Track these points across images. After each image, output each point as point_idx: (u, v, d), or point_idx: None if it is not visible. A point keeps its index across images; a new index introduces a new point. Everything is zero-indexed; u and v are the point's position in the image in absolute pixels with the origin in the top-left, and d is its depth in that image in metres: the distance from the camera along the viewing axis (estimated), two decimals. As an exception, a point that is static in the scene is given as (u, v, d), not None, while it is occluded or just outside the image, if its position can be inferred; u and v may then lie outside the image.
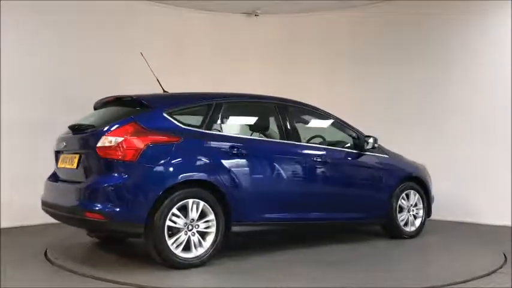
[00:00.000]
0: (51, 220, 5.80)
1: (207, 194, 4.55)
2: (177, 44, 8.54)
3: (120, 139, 4.33)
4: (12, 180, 6.76)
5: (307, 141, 5.78)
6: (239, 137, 5.05)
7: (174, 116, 4.67)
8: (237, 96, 5.49)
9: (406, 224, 6.06)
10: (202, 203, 4.51)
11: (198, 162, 4.60)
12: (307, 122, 6.02)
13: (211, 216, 4.56)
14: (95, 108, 5.47)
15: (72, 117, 6.37)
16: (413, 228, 6.13)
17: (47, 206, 4.97)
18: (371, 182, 5.90)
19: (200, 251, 4.51)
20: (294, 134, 5.41)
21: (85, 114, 5.77)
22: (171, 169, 4.44)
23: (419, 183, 6.25)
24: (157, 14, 8.33)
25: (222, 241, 4.63)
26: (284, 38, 9.01)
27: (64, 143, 4.97)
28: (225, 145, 4.78)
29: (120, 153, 4.30)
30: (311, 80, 8.85)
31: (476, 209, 7.23)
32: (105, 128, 4.46)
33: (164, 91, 5.52)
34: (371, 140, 5.77)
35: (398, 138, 7.10)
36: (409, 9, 8.17)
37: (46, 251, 5.21)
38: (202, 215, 4.55)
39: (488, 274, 4.45)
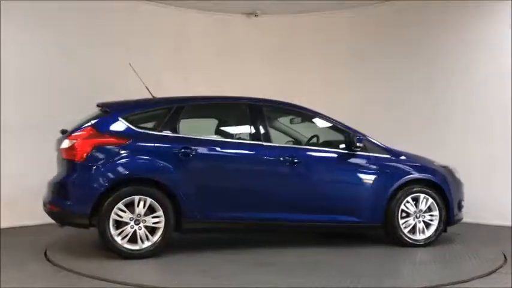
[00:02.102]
0: (52, 220, 5.83)
1: (154, 191, 4.89)
2: (177, 44, 8.54)
3: (73, 141, 4.93)
4: (12, 180, 6.76)
5: (307, 142, 5.75)
6: (191, 138, 5.20)
7: (130, 120, 5.10)
8: (203, 99, 5.67)
9: (413, 232, 5.56)
10: (149, 200, 4.86)
11: (145, 162, 4.97)
12: (289, 122, 5.97)
13: (160, 213, 4.88)
14: None
15: (72, 117, 6.39)
16: (422, 237, 5.57)
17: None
18: (359, 183, 5.51)
19: (146, 244, 4.85)
20: (265, 134, 5.40)
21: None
22: (115, 168, 4.88)
23: (435, 186, 5.67)
24: (157, 14, 8.33)
25: (170, 237, 4.95)
26: (284, 38, 9.01)
27: (56, 145, 5.42)
28: (176, 146, 5.05)
29: (73, 154, 4.89)
30: (311, 80, 8.85)
31: (476, 209, 7.22)
32: (69, 132, 5.11)
33: (153, 96, 5.72)
34: (354, 140, 5.45)
35: (398, 138, 7.06)
36: (409, 10, 8.17)
37: (46, 251, 5.21)
38: (154, 211, 4.90)
39: (488, 274, 4.45)
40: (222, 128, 5.82)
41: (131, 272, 4.48)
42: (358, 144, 5.44)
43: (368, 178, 5.52)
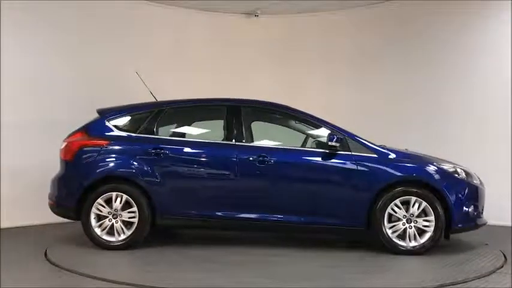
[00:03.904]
0: (51, 220, 5.83)
1: (130, 188, 5.32)
2: (177, 44, 8.54)
3: (65, 143, 5.56)
4: (12, 180, 6.75)
5: (304, 141, 5.68)
6: (163, 139, 5.56)
7: (115, 123, 5.60)
8: (182, 102, 5.89)
9: (403, 237, 5.16)
10: (125, 196, 5.29)
11: (121, 161, 5.42)
12: (270, 122, 5.97)
13: (134, 208, 5.29)
14: None
15: (73, 117, 6.40)
16: (414, 244, 5.12)
17: None
18: (337, 184, 5.30)
19: (122, 236, 5.28)
20: (240, 134, 5.48)
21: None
22: (94, 167, 5.41)
23: (431, 189, 5.21)
24: (158, 14, 8.33)
25: (144, 230, 5.31)
26: (284, 38, 9.00)
27: None
28: (149, 146, 5.41)
29: (65, 155, 5.52)
30: (311, 80, 8.85)
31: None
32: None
33: (156, 99, 6.00)
34: (327, 139, 5.24)
35: (398, 137, 7.10)
36: (409, 10, 8.17)
37: (46, 251, 5.21)
38: (131, 207, 5.32)
39: (488, 274, 4.46)
40: (199, 129, 6.02)
41: (131, 272, 4.49)
42: (330, 143, 5.22)
43: (348, 179, 5.28)
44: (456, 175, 5.39)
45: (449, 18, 7.80)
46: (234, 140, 5.46)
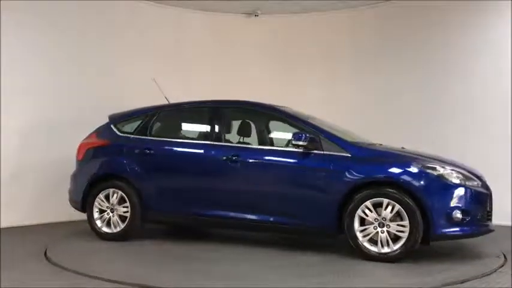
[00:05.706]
0: (52, 220, 5.81)
1: (124, 185, 5.72)
2: (177, 44, 8.55)
3: (79, 144, 6.12)
4: (12, 180, 6.75)
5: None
6: (150, 139, 5.87)
7: (118, 127, 6.06)
8: (174, 105, 6.17)
9: (375, 242, 4.79)
10: (120, 193, 5.72)
11: (117, 161, 5.89)
12: (251, 120, 5.92)
13: (127, 204, 5.68)
14: None
15: (73, 118, 6.38)
16: (386, 250, 4.72)
17: None
18: (305, 184, 5.13)
19: (117, 229, 5.71)
20: (219, 134, 5.67)
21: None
22: (95, 166, 5.96)
23: (406, 190, 4.76)
24: (157, 14, 8.34)
25: (137, 224, 5.70)
26: (284, 38, 9.02)
27: None
28: (141, 146, 5.80)
29: (77, 154, 6.11)
30: (311, 80, 8.85)
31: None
32: None
33: (168, 101, 6.25)
34: (295, 138, 5.08)
35: (398, 137, 7.08)
36: (409, 9, 8.19)
37: (46, 250, 5.21)
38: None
39: (488, 274, 4.45)
40: (186, 130, 6.27)
41: (131, 272, 4.48)
42: (294, 142, 5.08)
43: (317, 179, 5.07)
44: (440, 176, 4.84)
45: (449, 18, 7.81)
46: (213, 140, 5.62)
